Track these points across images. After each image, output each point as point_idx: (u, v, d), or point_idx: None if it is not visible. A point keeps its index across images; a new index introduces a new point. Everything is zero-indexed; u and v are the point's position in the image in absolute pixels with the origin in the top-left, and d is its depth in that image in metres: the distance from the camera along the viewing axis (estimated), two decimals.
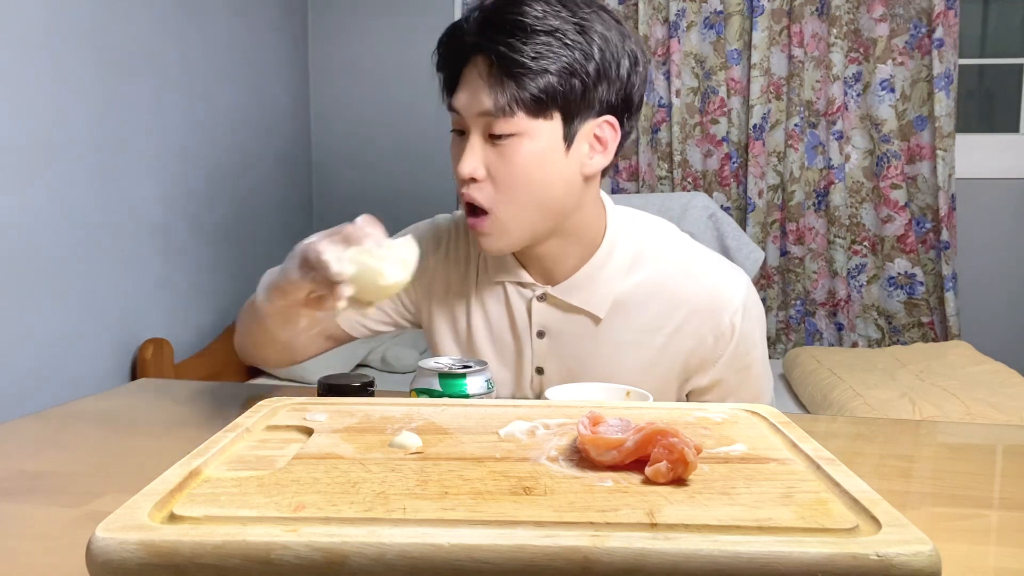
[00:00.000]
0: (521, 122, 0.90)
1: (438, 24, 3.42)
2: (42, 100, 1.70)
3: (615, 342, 1.00)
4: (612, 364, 1.00)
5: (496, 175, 0.92)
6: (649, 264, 1.00)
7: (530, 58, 0.88)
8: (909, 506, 0.71)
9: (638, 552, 0.41)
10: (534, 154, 0.91)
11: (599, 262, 1.00)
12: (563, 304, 1.01)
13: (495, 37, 0.90)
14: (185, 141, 2.21)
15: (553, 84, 0.89)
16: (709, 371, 1.00)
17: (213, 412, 1.00)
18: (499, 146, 0.91)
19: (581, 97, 0.91)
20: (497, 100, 0.89)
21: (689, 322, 0.99)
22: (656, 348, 0.99)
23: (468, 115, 0.92)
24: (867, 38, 2.62)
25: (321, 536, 0.42)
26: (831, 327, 2.75)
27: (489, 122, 0.91)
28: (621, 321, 1.00)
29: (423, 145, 2.95)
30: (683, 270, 1.00)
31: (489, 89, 0.90)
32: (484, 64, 0.91)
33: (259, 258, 2.63)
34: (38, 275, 1.70)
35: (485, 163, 0.92)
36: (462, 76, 0.93)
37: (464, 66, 0.93)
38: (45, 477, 0.76)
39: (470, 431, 0.61)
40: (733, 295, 0.99)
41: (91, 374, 1.86)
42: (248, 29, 2.53)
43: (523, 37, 0.88)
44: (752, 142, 2.66)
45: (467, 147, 0.93)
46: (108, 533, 0.42)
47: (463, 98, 0.93)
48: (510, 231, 0.95)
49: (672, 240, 1.03)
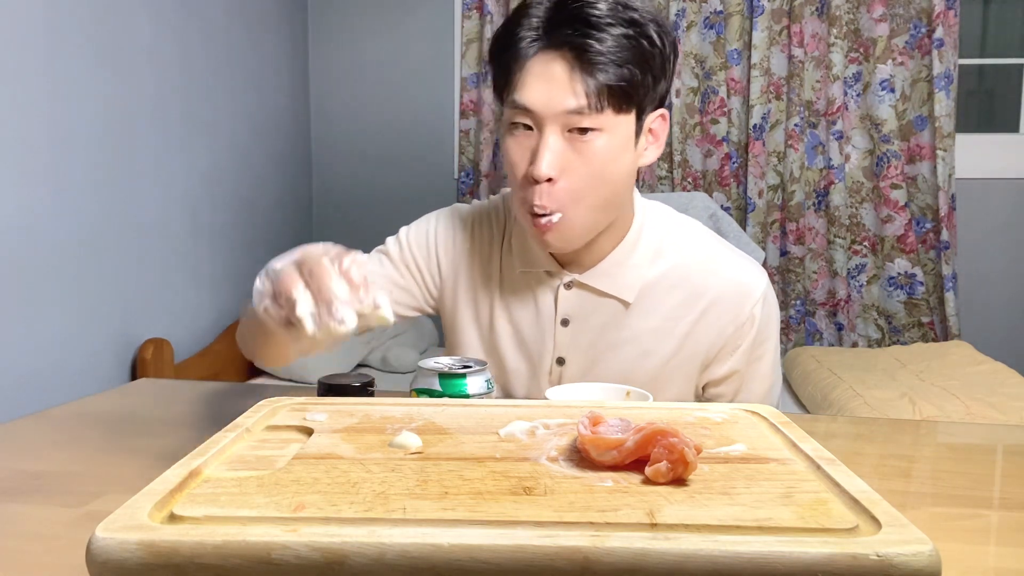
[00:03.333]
0: (606, 118, 0.89)
1: (438, 24, 3.41)
2: (42, 100, 1.70)
3: (640, 330, 1.01)
4: (636, 353, 1.01)
5: (572, 172, 0.90)
6: (673, 254, 1.02)
7: (613, 51, 0.87)
8: (909, 506, 0.71)
9: (638, 552, 0.41)
10: (611, 150, 0.91)
11: (627, 249, 1.01)
12: (592, 290, 1.01)
13: (572, 31, 0.88)
14: (185, 141, 2.21)
15: (635, 77, 0.89)
16: (727, 360, 1.02)
17: (213, 412, 1.00)
18: (580, 141, 0.90)
19: (651, 90, 0.92)
20: (586, 96, 0.87)
21: (711, 311, 1.00)
22: (679, 337, 1.01)
23: (547, 112, 0.89)
24: (867, 38, 2.62)
25: (321, 536, 0.42)
26: (831, 327, 2.75)
27: (571, 119, 0.89)
28: (646, 309, 1.01)
29: (423, 145, 2.95)
30: (706, 261, 1.02)
31: (575, 85, 0.88)
32: (564, 59, 0.88)
33: (259, 258, 2.63)
34: (38, 275, 1.70)
35: (561, 162, 0.90)
36: (529, 72, 0.90)
37: (530, 61, 0.90)
38: (45, 477, 0.76)
39: (470, 431, 0.61)
40: (754, 286, 1.01)
41: (91, 374, 1.86)
42: (248, 29, 2.53)
43: (601, 30, 0.87)
44: (752, 142, 2.66)
45: (544, 146, 0.89)
46: (108, 533, 0.42)
47: (538, 95, 0.89)
48: (577, 228, 0.94)
49: (695, 231, 1.05)
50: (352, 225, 2.97)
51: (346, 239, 2.71)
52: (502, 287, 1.05)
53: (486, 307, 1.06)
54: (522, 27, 0.91)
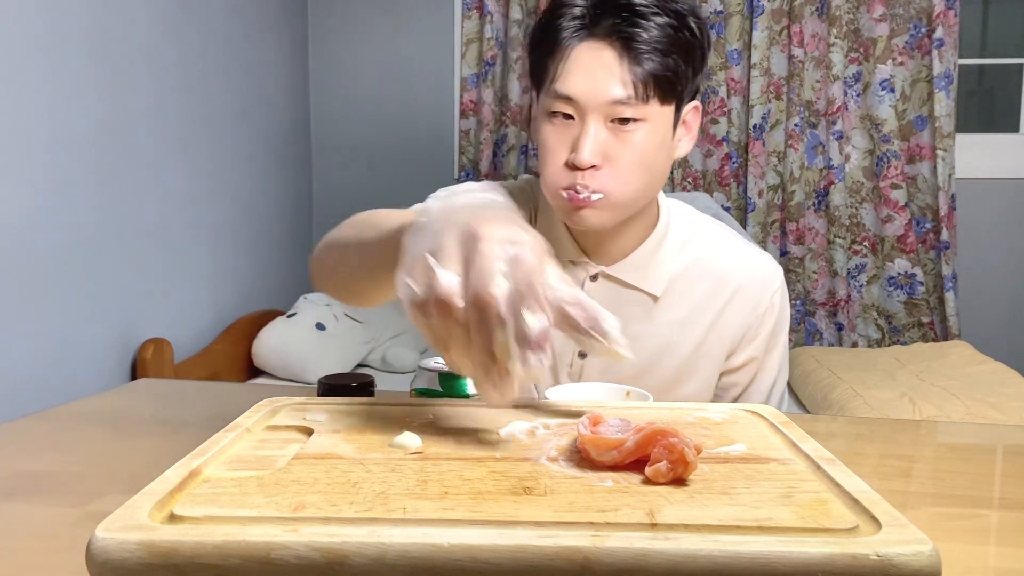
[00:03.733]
0: (650, 108, 0.89)
1: (438, 24, 3.41)
2: (42, 100, 1.69)
3: (665, 322, 1.02)
4: (660, 345, 1.02)
5: (615, 160, 0.90)
6: (698, 245, 1.03)
7: (659, 41, 0.87)
8: (909, 506, 0.71)
9: (638, 552, 0.41)
10: (653, 139, 0.91)
11: (655, 242, 1.01)
12: (620, 283, 1.02)
13: (617, 21, 0.88)
14: (185, 141, 2.21)
15: (680, 67, 0.89)
16: (747, 348, 1.03)
17: (213, 412, 1.00)
18: (622, 132, 0.90)
19: (691, 80, 0.92)
20: (633, 86, 0.87)
21: (735, 300, 1.02)
22: (704, 327, 1.02)
23: (591, 102, 0.89)
24: (867, 38, 2.62)
25: (321, 536, 0.42)
26: (831, 327, 2.75)
27: (615, 108, 0.89)
28: (671, 302, 1.02)
29: (423, 145, 2.95)
30: (729, 251, 1.04)
31: (622, 75, 0.88)
32: (610, 48, 0.88)
33: (259, 258, 2.63)
34: (38, 275, 1.70)
35: (603, 149, 0.90)
36: (573, 60, 0.90)
37: (575, 50, 0.90)
38: (45, 477, 0.76)
39: (470, 431, 0.61)
40: (774, 275, 1.04)
41: (91, 374, 1.85)
42: (248, 29, 2.52)
43: (647, 19, 0.87)
44: (752, 142, 2.66)
45: (586, 134, 0.89)
46: (108, 533, 0.42)
47: (582, 84, 0.89)
48: (616, 211, 0.94)
49: (714, 226, 1.07)
50: None
51: None
52: None
53: None
54: (564, 16, 0.90)
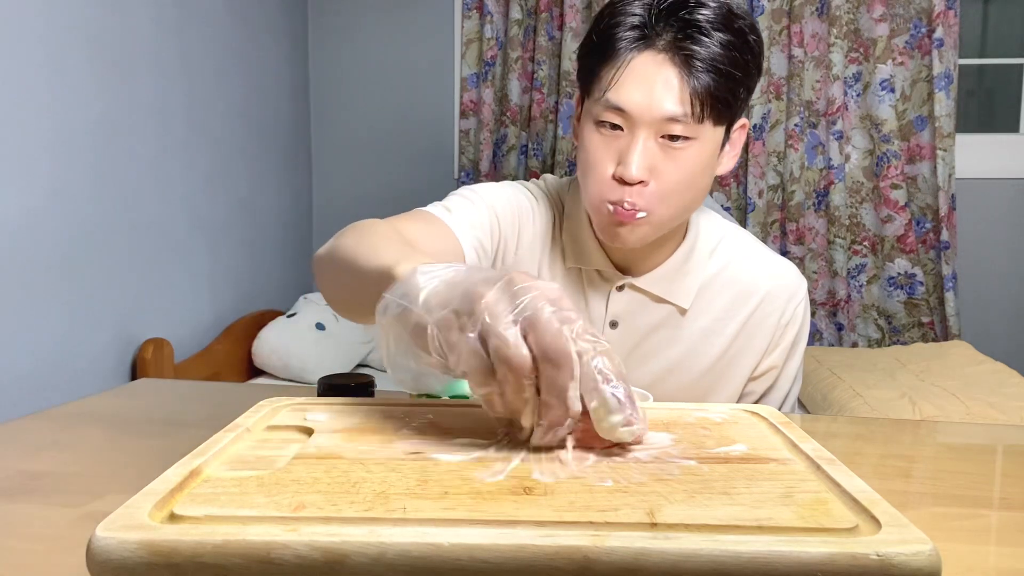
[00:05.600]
0: (704, 128, 0.87)
1: (438, 24, 3.41)
2: (42, 100, 1.69)
3: (690, 331, 1.01)
4: (684, 354, 1.01)
5: (661, 177, 0.88)
6: (724, 254, 1.02)
7: (719, 59, 0.85)
8: (909, 506, 0.71)
9: (638, 552, 0.41)
10: (701, 159, 0.89)
11: (684, 254, 1.00)
12: (648, 295, 1.01)
13: (683, 35, 0.85)
14: (185, 141, 2.21)
15: (738, 87, 0.87)
16: (769, 357, 1.03)
17: (213, 412, 1.00)
18: (671, 148, 0.87)
19: (745, 99, 0.90)
20: (692, 104, 0.85)
21: (761, 309, 1.01)
22: (728, 336, 1.01)
23: (644, 116, 0.86)
24: (867, 38, 2.62)
25: (321, 536, 0.42)
26: (831, 327, 2.75)
27: (667, 125, 0.86)
28: (697, 311, 1.01)
29: (423, 145, 2.95)
30: (754, 261, 1.03)
31: (682, 91, 0.85)
32: (669, 64, 0.85)
33: (259, 258, 2.63)
34: (38, 275, 1.70)
35: (650, 165, 0.88)
36: (630, 71, 0.86)
37: (632, 61, 0.87)
38: (45, 477, 0.76)
39: (470, 431, 0.61)
40: (799, 286, 1.03)
41: (91, 374, 1.86)
42: (248, 29, 2.53)
43: (709, 36, 0.84)
44: (752, 142, 2.66)
45: (635, 149, 0.87)
46: (108, 533, 0.42)
47: (638, 97, 0.86)
48: (655, 229, 0.92)
49: (739, 233, 1.06)
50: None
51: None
52: (554, 281, 1.03)
53: None
54: (622, 25, 0.87)
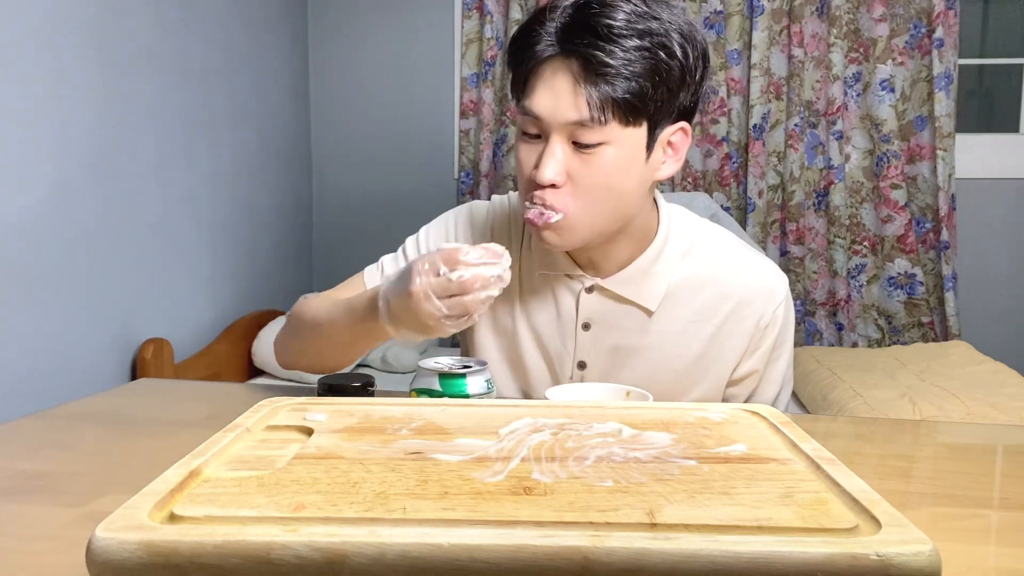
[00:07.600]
0: (611, 131, 0.87)
1: (438, 24, 3.40)
2: (43, 99, 1.69)
3: (664, 333, 1.01)
4: (660, 356, 1.01)
5: (577, 181, 0.89)
6: (699, 257, 1.01)
7: (623, 64, 0.84)
8: (909, 506, 0.71)
9: (638, 552, 0.41)
10: (618, 162, 0.89)
11: (652, 256, 1.00)
12: (614, 296, 1.00)
13: (583, 41, 0.85)
14: (185, 141, 2.21)
15: (646, 91, 0.86)
16: (748, 361, 1.02)
17: (213, 412, 1.00)
18: (584, 153, 0.88)
19: (667, 103, 0.89)
20: (589, 109, 0.85)
21: (737, 312, 1.00)
22: (704, 339, 1.01)
23: (552, 121, 0.88)
24: (867, 38, 2.62)
25: (321, 536, 0.42)
26: (831, 327, 2.75)
27: (575, 130, 0.87)
28: (671, 312, 1.00)
29: (423, 145, 2.95)
30: (731, 263, 1.02)
31: (578, 97, 0.86)
32: (571, 69, 0.86)
33: (259, 258, 2.63)
34: (38, 275, 1.70)
35: (566, 169, 0.89)
36: (539, 78, 0.89)
37: (541, 67, 0.88)
38: (45, 477, 0.76)
39: (470, 431, 0.61)
40: (779, 288, 1.01)
41: (91, 374, 1.85)
42: (248, 29, 2.52)
43: (613, 41, 0.84)
44: (752, 142, 2.66)
45: (548, 152, 0.88)
46: (108, 533, 0.42)
47: (545, 103, 0.88)
48: (578, 232, 0.92)
49: (719, 235, 1.05)
50: (352, 225, 2.97)
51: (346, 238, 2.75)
52: (521, 289, 1.04)
53: (506, 309, 1.05)
54: (539, 32, 0.89)
